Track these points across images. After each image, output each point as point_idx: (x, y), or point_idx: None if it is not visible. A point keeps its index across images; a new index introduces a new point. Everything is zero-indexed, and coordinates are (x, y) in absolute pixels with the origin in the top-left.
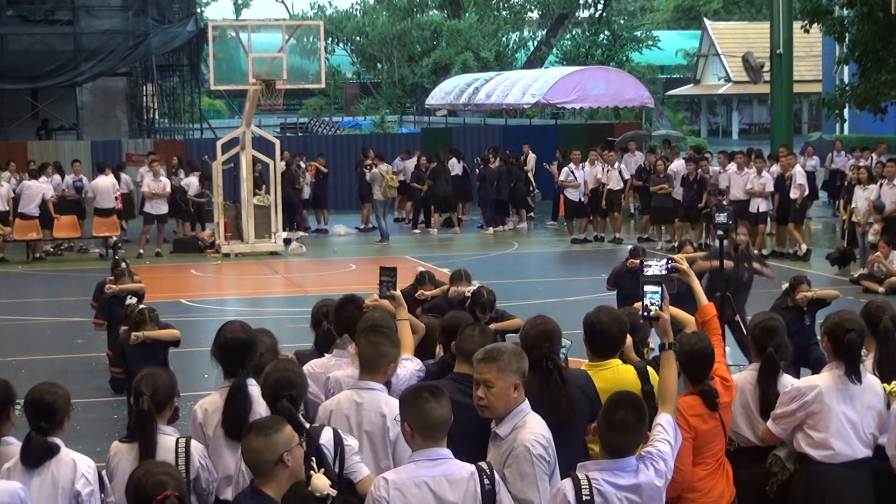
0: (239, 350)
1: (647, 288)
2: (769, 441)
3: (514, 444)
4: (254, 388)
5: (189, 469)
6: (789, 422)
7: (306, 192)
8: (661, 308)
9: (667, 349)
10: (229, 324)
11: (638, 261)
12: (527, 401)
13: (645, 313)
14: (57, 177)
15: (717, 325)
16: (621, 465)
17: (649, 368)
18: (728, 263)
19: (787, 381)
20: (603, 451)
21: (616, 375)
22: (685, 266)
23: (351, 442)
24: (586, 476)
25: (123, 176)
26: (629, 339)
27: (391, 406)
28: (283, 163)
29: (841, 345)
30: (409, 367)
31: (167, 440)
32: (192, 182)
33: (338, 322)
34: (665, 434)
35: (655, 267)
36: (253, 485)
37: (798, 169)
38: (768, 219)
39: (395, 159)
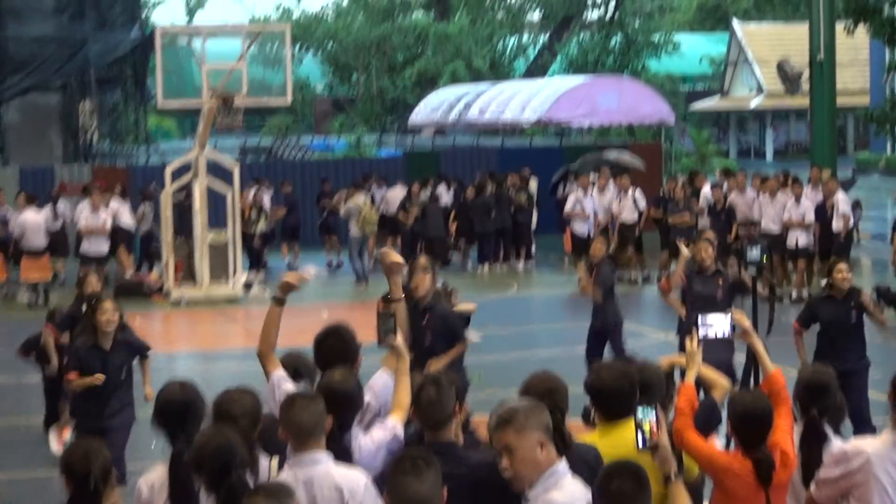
0: (175, 414)
1: (638, 408)
2: None
3: None
4: None
5: None
6: (833, 489)
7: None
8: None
9: (673, 480)
10: (167, 385)
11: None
12: (564, 460)
13: (641, 442)
14: None
15: (786, 396)
16: None
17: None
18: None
19: (836, 443)
20: None
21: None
22: (748, 324)
23: None
24: None
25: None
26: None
27: (347, 477)
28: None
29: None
30: (376, 438)
31: None
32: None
33: (317, 359)
34: None
35: (718, 327)
36: None
37: (841, 195)
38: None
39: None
